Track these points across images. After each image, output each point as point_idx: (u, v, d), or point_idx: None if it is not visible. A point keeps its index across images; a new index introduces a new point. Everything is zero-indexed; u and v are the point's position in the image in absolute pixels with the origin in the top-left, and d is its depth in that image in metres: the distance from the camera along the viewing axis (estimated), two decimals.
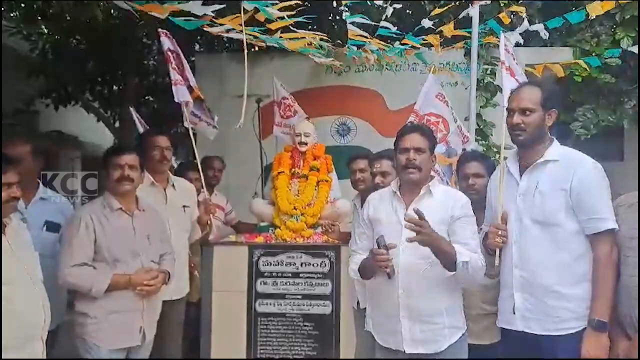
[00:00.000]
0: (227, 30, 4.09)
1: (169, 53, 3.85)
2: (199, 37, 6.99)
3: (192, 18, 3.74)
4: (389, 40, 4.80)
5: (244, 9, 3.59)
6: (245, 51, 3.46)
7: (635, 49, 4.78)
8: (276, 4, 3.72)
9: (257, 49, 4.61)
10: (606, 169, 2.49)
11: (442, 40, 4.85)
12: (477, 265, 2.44)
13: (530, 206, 2.49)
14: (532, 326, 2.46)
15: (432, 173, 2.69)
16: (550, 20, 4.49)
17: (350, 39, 4.59)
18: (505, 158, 2.75)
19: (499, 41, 4.61)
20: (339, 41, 5.14)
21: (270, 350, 3.73)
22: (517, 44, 4.61)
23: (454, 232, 2.49)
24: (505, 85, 2.91)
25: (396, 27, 4.51)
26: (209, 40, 7.02)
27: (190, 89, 3.92)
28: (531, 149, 2.54)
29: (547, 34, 4.51)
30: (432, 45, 4.90)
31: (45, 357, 2.44)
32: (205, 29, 4.13)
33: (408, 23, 4.70)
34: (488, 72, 5.50)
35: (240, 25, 3.68)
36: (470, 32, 4.50)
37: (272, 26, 3.98)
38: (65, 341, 3.14)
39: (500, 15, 4.45)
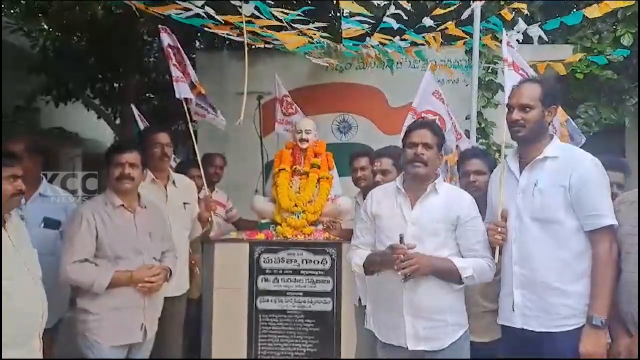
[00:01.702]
0: (230, 27, 4.09)
1: (169, 49, 3.84)
2: (199, 35, 6.98)
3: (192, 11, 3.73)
4: (390, 35, 4.78)
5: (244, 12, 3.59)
6: (246, 49, 3.45)
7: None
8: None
9: (261, 46, 4.58)
10: None
11: (443, 39, 4.83)
12: (484, 270, 2.51)
13: (529, 203, 2.49)
14: (531, 323, 2.46)
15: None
16: (547, 22, 4.49)
17: (345, 38, 4.59)
18: (505, 155, 2.75)
19: (497, 42, 4.61)
20: (336, 42, 5.14)
21: (271, 347, 3.74)
22: (517, 42, 4.59)
23: (461, 236, 2.52)
24: (508, 82, 2.90)
25: (399, 23, 4.50)
26: (209, 38, 7.01)
27: (192, 85, 3.92)
28: (531, 145, 2.54)
29: (533, 38, 4.51)
30: (434, 42, 4.88)
31: (42, 353, 2.45)
32: (207, 28, 4.13)
33: (409, 21, 4.67)
34: (489, 70, 5.49)
35: (242, 23, 3.67)
36: (470, 31, 4.49)
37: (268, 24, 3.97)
38: (66, 338, 3.15)
39: (502, 12, 4.44)
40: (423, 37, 4.77)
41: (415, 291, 2.46)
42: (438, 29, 4.67)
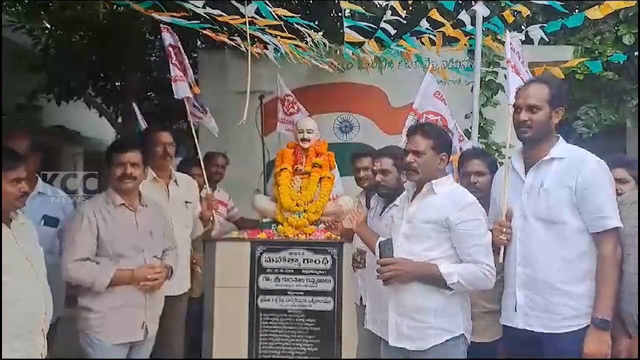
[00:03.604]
0: (229, 35, 4.10)
1: (170, 49, 3.84)
2: (200, 33, 6.98)
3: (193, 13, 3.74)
4: (391, 37, 4.78)
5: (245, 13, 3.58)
6: (249, 50, 3.45)
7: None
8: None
9: (260, 50, 4.57)
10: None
11: (443, 41, 4.82)
12: (477, 277, 2.41)
13: (534, 203, 2.49)
14: (533, 324, 2.47)
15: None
16: (549, 25, 4.48)
17: (347, 42, 4.61)
18: (509, 157, 2.75)
19: (498, 43, 4.60)
20: (336, 43, 5.14)
21: (271, 346, 3.74)
22: (520, 41, 4.59)
23: (455, 239, 2.44)
24: (511, 84, 2.90)
25: (396, 28, 4.50)
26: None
27: (189, 85, 3.92)
28: (537, 146, 2.54)
29: (534, 40, 4.51)
30: (432, 44, 4.88)
31: (46, 350, 2.46)
32: (207, 33, 4.14)
33: (407, 23, 4.66)
34: (490, 70, 5.49)
35: (244, 24, 3.67)
36: (470, 33, 4.49)
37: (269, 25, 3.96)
38: (66, 335, 3.16)
39: (504, 14, 4.43)
40: (420, 39, 4.76)
41: (400, 290, 2.48)
42: (435, 30, 4.65)
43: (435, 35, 4.63)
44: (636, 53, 5.04)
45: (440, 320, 2.45)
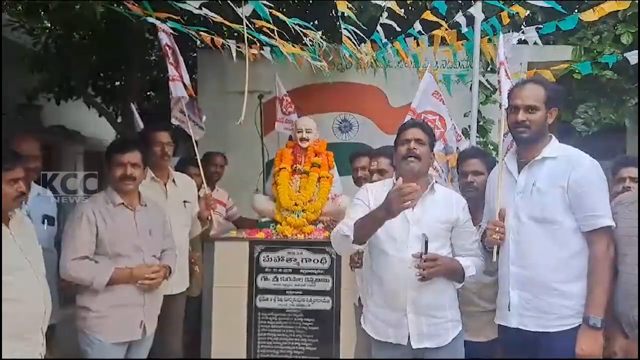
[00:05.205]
0: (227, 37, 4.10)
1: (167, 49, 3.85)
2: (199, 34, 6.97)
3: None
4: (389, 37, 4.79)
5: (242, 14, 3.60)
6: (247, 49, 3.46)
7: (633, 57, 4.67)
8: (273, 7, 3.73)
9: (256, 51, 4.57)
10: (609, 167, 2.51)
11: (443, 39, 4.82)
12: (480, 269, 2.61)
13: (528, 203, 2.50)
14: (527, 323, 2.48)
15: (431, 171, 2.72)
16: (544, 26, 4.48)
17: (343, 44, 4.62)
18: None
19: (489, 45, 4.60)
20: (335, 42, 5.14)
21: (270, 346, 3.75)
22: (519, 42, 4.59)
23: (459, 237, 2.59)
24: (504, 86, 2.92)
25: (388, 35, 4.50)
26: (211, 36, 6.99)
27: (184, 86, 3.93)
28: (530, 146, 2.56)
29: (529, 42, 4.51)
30: (429, 45, 4.88)
31: (45, 349, 2.47)
32: (203, 36, 4.14)
33: (404, 24, 4.66)
34: (489, 69, 5.48)
35: (241, 26, 3.67)
36: (465, 37, 4.49)
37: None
38: (64, 335, 3.17)
39: (502, 14, 4.42)
40: (417, 40, 4.77)
41: (419, 289, 2.46)
42: (431, 33, 4.65)
43: (429, 39, 4.64)
44: (630, 54, 5.01)
45: (452, 312, 2.56)
